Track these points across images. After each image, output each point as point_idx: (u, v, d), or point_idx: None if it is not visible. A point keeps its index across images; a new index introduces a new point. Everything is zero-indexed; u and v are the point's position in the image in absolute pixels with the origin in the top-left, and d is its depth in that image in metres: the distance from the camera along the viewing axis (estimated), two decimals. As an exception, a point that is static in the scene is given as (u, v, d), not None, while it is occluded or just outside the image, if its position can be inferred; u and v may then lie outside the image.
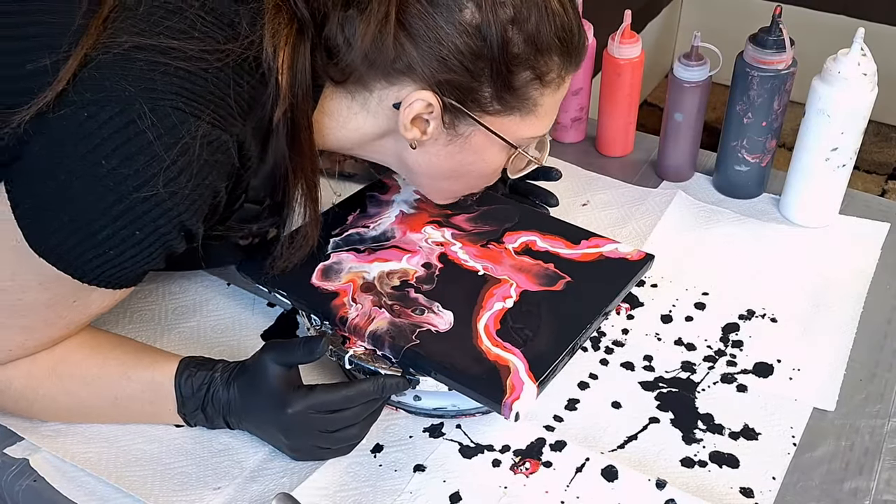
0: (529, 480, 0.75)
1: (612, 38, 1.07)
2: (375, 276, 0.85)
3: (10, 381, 0.74)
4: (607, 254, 0.89)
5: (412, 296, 0.83)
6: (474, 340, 0.78)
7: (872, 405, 0.81)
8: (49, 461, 0.76)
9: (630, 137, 1.16)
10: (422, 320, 0.80)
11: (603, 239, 0.91)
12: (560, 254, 0.89)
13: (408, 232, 0.91)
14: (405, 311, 0.81)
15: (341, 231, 0.91)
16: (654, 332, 0.89)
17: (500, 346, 0.77)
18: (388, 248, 0.89)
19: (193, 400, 0.75)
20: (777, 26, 0.95)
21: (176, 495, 0.73)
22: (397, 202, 0.96)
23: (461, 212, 0.94)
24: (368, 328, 0.78)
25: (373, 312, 0.80)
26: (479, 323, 0.80)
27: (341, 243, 0.89)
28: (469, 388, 0.74)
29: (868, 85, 0.92)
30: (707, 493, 0.74)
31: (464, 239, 0.90)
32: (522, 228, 0.92)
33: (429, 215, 0.94)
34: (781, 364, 0.85)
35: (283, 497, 0.71)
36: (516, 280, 0.85)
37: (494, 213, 0.94)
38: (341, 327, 0.80)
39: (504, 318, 0.80)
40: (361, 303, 0.81)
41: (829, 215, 1.02)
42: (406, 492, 0.74)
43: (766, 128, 1.01)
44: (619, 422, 0.80)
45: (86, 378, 0.75)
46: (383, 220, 0.93)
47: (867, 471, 0.76)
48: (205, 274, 0.96)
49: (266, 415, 0.74)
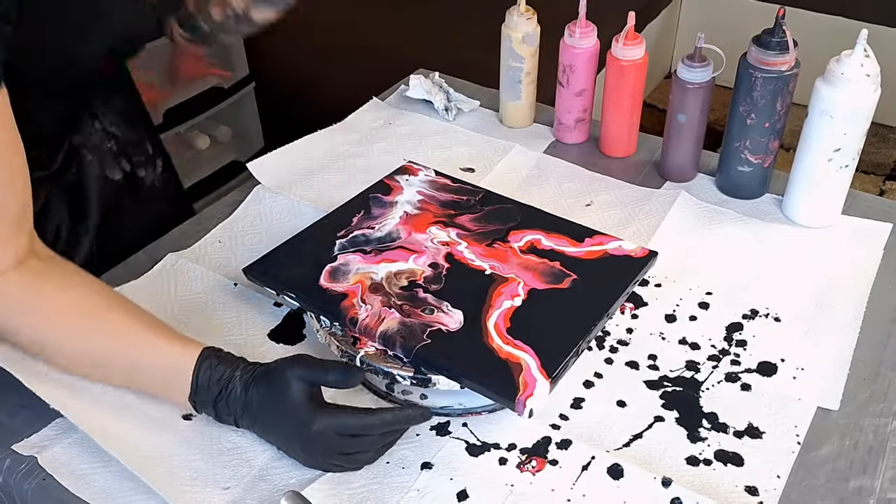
0: (536, 478, 0.75)
1: (615, 40, 1.08)
2: (383, 276, 0.85)
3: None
4: (612, 251, 0.90)
5: (421, 296, 0.83)
6: (485, 339, 0.78)
7: (876, 404, 0.82)
8: (58, 459, 0.76)
9: (633, 138, 1.16)
10: (432, 320, 0.80)
11: (606, 236, 0.92)
12: (565, 252, 0.90)
13: (413, 232, 0.92)
14: (415, 311, 0.81)
15: (346, 233, 0.91)
16: (658, 331, 0.90)
17: (511, 343, 0.78)
18: (394, 249, 0.89)
19: (208, 392, 0.75)
20: (780, 28, 0.96)
21: (186, 491, 0.73)
22: (401, 203, 0.96)
23: (465, 212, 0.95)
24: (379, 328, 0.79)
25: (382, 313, 0.81)
26: (489, 321, 0.80)
27: (347, 245, 0.90)
28: (482, 386, 0.75)
29: (871, 86, 0.93)
30: (712, 491, 0.74)
31: (469, 238, 0.91)
32: (526, 227, 0.93)
33: (433, 216, 0.94)
34: (785, 363, 0.86)
35: (292, 495, 0.72)
36: (523, 278, 0.86)
37: (498, 213, 0.95)
38: (351, 328, 0.81)
39: (513, 316, 0.81)
40: (371, 303, 0.82)
41: (831, 215, 1.03)
42: (413, 489, 0.74)
43: (769, 128, 1.01)
44: (625, 420, 0.80)
45: (112, 333, 0.76)
46: (388, 221, 0.93)
47: (871, 469, 0.76)
48: (211, 273, 0.96)
49: (287, 427, 0.74)
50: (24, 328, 0.76)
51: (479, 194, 0.99)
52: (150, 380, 0.78)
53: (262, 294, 0.94)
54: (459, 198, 0.98)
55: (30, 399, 0.78)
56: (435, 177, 1.01)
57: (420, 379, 0.77)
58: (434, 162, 1.07)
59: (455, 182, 1.01)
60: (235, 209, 1.06)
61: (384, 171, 1.04)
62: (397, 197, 0.97)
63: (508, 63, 1.17)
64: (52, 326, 0.76)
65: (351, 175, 1.11)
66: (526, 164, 1.14)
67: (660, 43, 2.64)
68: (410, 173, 1.02)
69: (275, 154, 1.14)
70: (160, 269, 0.97)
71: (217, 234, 1.03)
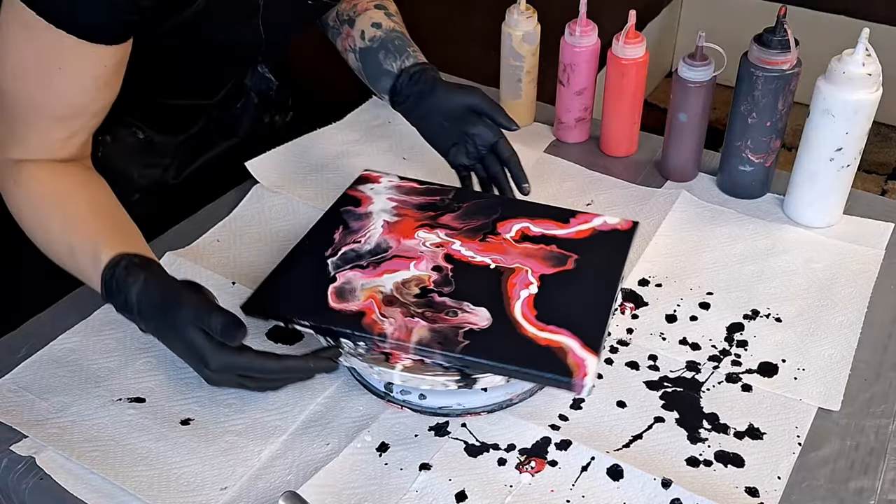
0: (535, 479, 0.75)
1: (616, 39, 1.07)
2: (392, 288, 0.83)
3: (30, 179, 0.83)
4: (599, 227, 0.92)
5: (438, 300, 0.82)
6: (519, 330, 0.79)
7: (877, 405, 0.82)
8: (55, 459, 0.76)
9: (634, 137, 1.16)
10: (459, 321, 0.79)
11: (587, 214, 0.94)
12: (557, 235, 0.91)
13: (401, 239, 0.90)
14: (439, 315, 0.80)
15: (334, 251, 0.88)
16: (658, 331, 0.89)
17: (546, 329, 0.78)
18: (390, 259, 0.87)
19: (115, 300, 0.79)
20: (782, 27, 0.96)
21: (182, 496, 0.73)
22: (376, 213, 0.93)
23: (445, 212, 0.94)
24: (412, 339, 0.77)
25: (408, 323, 0.79)
26: (515, 313, 0.80)
27: (340, 263, 0.86)
28: (537, 375, 0.76)
29: (873, 85, 0.93)
30: (712, 492, 0.74)
31: (459, 236, 0.90)
32: (511, 217, 0.93)
33: (414, 220, 0.92)
34: (786, 364, 0.85)
35: (289, 495, 0.71)
36: (529, 266, 0.86)
37: (478, 208, 0.94)
38: (381, 344, 0.78)
39: (535, 303, 0.81)
40: (391, 316, 0.80)
41: (833, 215, 1.02)
42: (412, 490, 0.74)
43: (770, 128, 1.01)
44: (625, 421, 0.80)
45: (67, 219, 0.82)
46: (371, 233, 0.90)
47: (872, 470, 0.76)
48: (209, 272, 0.96)
49: (186, 358, 0.78)
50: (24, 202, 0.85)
51: (449, 192, 0.97)
52: (79, 271, 0.83)
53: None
54: (432, 199, 0.96)
55: (27, 399, 0.78)
56: (399, 182, 0.99)
57: (467, 382, 0.76)
58: (434, 162, 1.06)
59: (422, 184, 0.98)
60: (234, 208, 1.06)
61: (384, 170, 1.03)
62: (369, 207, 0.94)
63: (508, 62, 1.17)
64: (33, 205, 0.84)
65: (350, 174, 1.10)
66: (526, 164, 1.13)
67: (661, 42, 2.64)
68: (372, 181, 0.99)
69: (274, 153, 1.13)
70: (158, 269, 0.97)
71: (216, 233, 1.02)
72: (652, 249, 0.99)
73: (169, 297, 0.77)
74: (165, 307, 0.76)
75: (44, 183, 0.83)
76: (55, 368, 0.85)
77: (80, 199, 0.84)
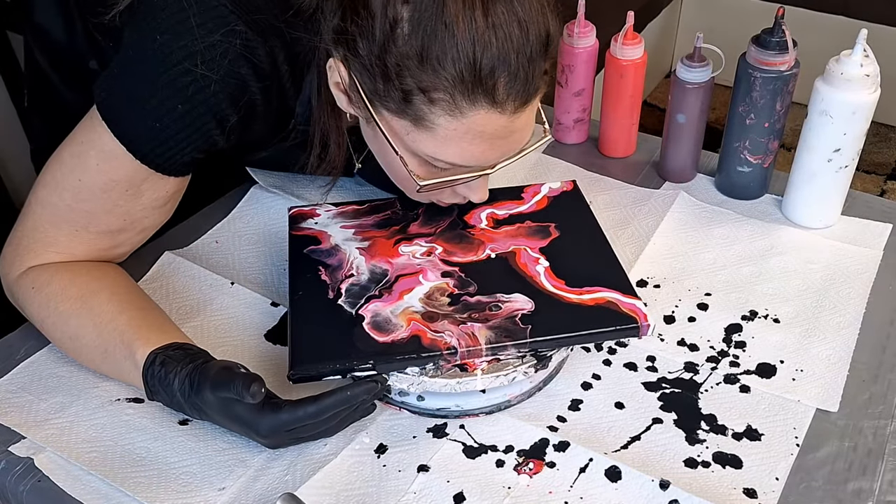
0: (533, 481, 0.75)
1: (614, 39, 1.07)
2: (422, 306, 0.81)
3: (50, 281, 0.82)
4: (550, 195, 0.97)
5: (472, 301, 0.81)
6: (564, 301, 0.81)
7: (875, 406, 0.82)
8: (54, 460, 0.76)
9: (632, 138, 1.16)
10: (507, 311, 0.80)
11: (533, 186, 0.98)
12: (523, 211, 0.94)
13: (390, 259, 0.87)
14: (485, 314, 0.80)
15: (336, 294, 0.84)
16: (656, 332, 0.89)
17: (584, 292, 0.82)
18: (396, 281, 0.84)
19: (162, 396, 0.78)
20: (780, 27, 0.96)
21: (180, 497, 0.73)
22: (340, 242, 0.90)
23: (405, 221, 0.92)
24: (481, 343, 0.77)
25: (465, 330, 0.78)
26: (548, 288, 0.83)
27: (353, 300, 0.83)
28: (607, 332, 0.80)
29: (871, 86, 0.93)
30: (710, 493, 0.74)
31: (437, 240, 0.90)
32: (471, 208, 0.94)
33: (385, 237, 0.90)
34: (784, 365, 0.85)
35: (287, 497, 0.71)
36: (523, 245, 0.88)
37: (433, 208, 0.93)
38: (453, 357, 0.77)
39: (556, 274, 0.84)
40: (445, 330, 0.78)
41: (831, 216, 1.02)
42: (410, 492, 0.74)
43: (768, 129, 1.01)
44: (623, 422, 0.80)
45: (96, 321, 0.81)
46: (355, 262, 0.87)
47: (870, 472, 0.76)
48: (208, 272, 0.96)
49: (239, 430, 0.76)
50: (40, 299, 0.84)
51: (393, 204, 0.95)
52: (117, 373, 0.81)
53: (259, 294, 0.93)
54: (383, 215, 0.94)
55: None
56: (337, 209, 0.95)
57: (543, 363, 0.78)
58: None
59: (361, 204, 0.96)
60: (232, 209, 1.06)
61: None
62: (331, 241, 0.91)
63: (507, 63, 1.17)
64: (54, 304, 0.82)
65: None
66: (524, 165, 1.14)
67: (659, 43, 2.64)
68: (310, 216, 0.94)
69: (273, 154, 1.13)
70: (158, 269, 0.97)
71: (214, 233, 1.02)
72: (650, 250, 0.99)
73: (199, 381, 0.75)
74: (200, 391, 0.74)
75: (66, 287, 0.82)
76: (54, 369, 0.85)
77: (102, 298, 0.82)
